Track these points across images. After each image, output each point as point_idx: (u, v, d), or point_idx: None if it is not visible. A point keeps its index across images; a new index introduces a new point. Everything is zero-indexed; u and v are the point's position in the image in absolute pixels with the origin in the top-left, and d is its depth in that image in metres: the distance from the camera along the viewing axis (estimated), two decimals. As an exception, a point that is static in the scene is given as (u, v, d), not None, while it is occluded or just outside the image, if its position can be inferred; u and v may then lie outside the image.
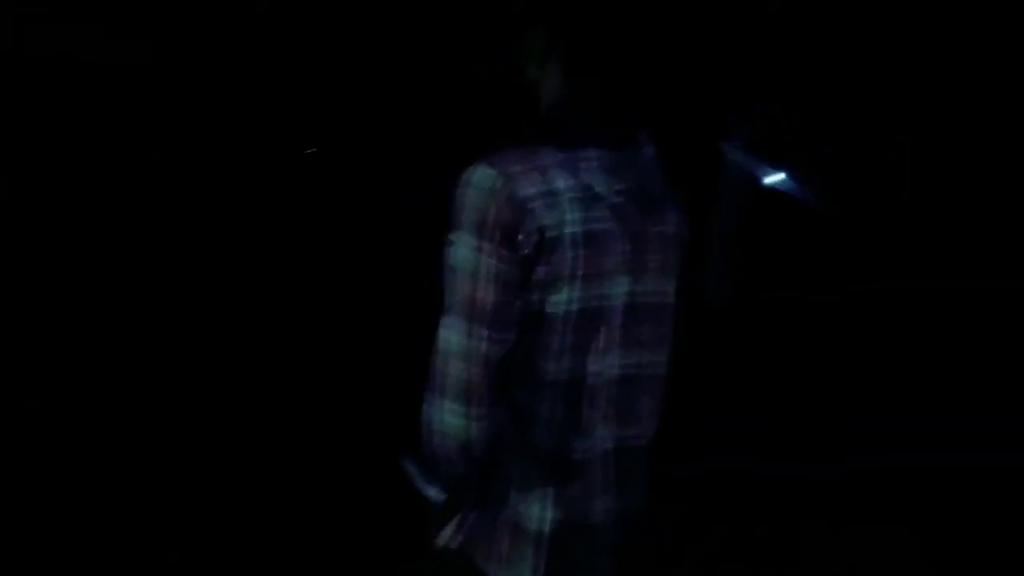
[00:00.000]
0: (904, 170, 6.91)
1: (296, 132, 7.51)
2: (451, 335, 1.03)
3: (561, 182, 1.05)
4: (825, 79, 6.88)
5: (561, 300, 1.06)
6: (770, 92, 6.72)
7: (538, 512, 1.12)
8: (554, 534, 1.12)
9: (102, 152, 9.34)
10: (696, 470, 3.29)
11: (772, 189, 6.64)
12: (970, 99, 7.40)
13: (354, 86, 7.41)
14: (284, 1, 6.85)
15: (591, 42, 1.11)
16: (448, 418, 1.03)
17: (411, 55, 7.29)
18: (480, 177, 1.02)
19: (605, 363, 1.12)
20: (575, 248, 1.05)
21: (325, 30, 6.83)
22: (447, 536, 1.13)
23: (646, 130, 1.19)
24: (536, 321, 1.06)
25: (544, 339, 1.07)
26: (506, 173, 1.03)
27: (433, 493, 1.12)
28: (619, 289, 1.11)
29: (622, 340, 1.13)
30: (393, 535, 2.84)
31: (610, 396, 1.14)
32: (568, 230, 1.04)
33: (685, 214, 1.26)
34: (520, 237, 1.02)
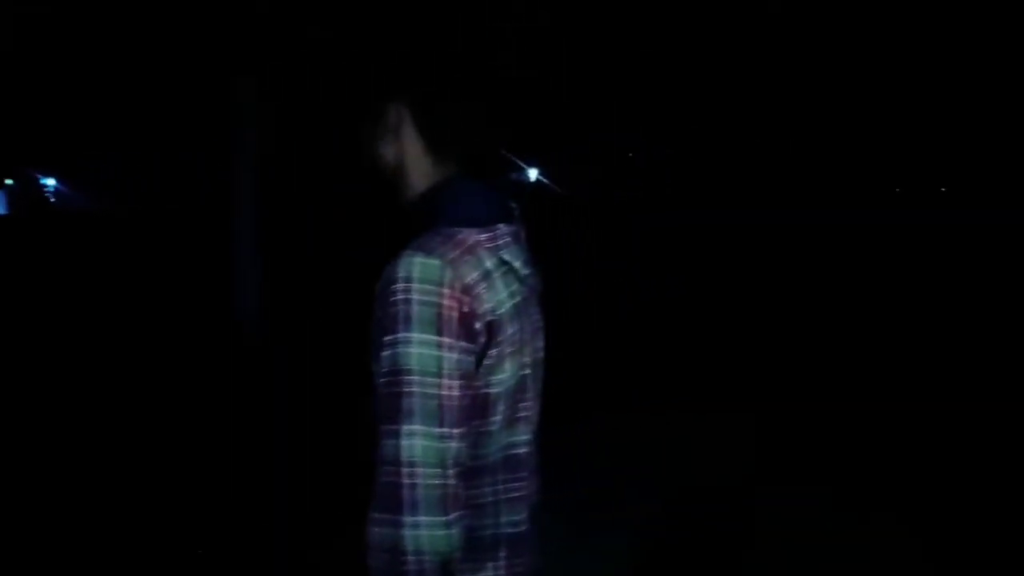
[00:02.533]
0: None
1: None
2: (416, 443, 0.92)
3: (489, 261, 1.00)
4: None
5: (504, 378, 1.00)
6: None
7: None
8: None
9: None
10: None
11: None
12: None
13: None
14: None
15: (449, 113, 1.07)
16: (425, 534, 0.91)
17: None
18: (425, 269, 0.93)
19: (528, 429, 1.09)
20: (512, 324, 1.01)
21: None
22: None
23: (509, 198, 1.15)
24: (483, 405, 0.99)
25: (487, 421, 1.01)
26: (447, 260, 0.95)
27: None
28: (528, 355, 1.08)
29: (533, 401, 1.10)
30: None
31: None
32: (504, 308, 0.99)
33: None
34: (476, 325, 0.95)
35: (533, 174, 10.18)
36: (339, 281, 7.61)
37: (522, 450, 1.07)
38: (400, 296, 0.93)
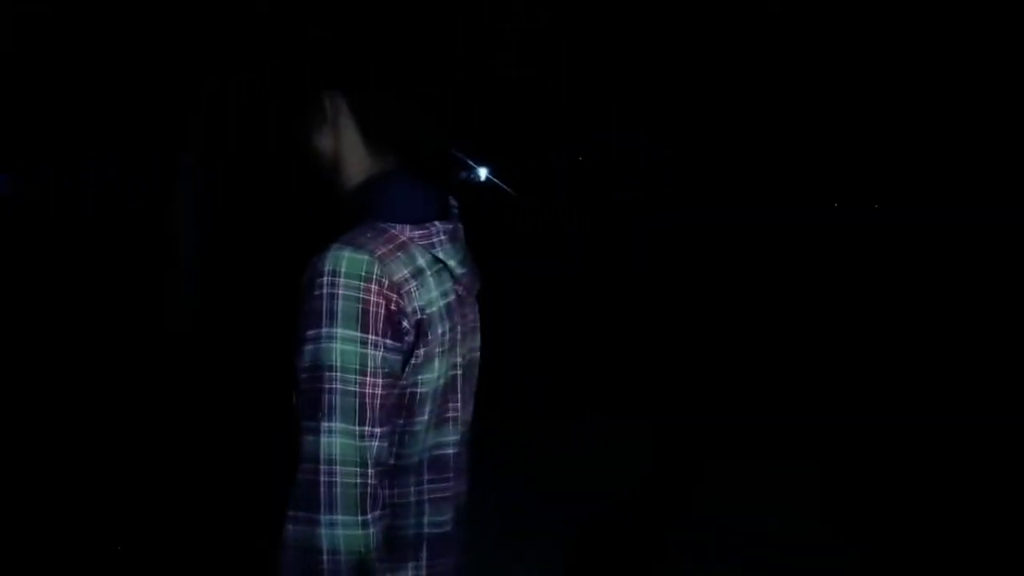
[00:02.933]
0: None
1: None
2: (335, 441, 0.90)
3: (422, 259, 0.99)
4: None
5: (432, 378, 1.00)
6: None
7: None
8: None
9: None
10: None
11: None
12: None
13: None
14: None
15: (388, 104, 1.06)
16: (342, 533, 0.89)
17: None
18: (351, 263, 0.92)
19: (457, 430, 1.09)
20: (443, 323, 1.01)
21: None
22: None
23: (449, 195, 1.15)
24: (408, 404, 0.99)
25: (412, 421, 1.00)
26: (376, 256, 0.94)
27: None
28: (460, 355, 1.09)
29: (463, 402, 1.11)
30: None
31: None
32: (435, 307, 0.99)
33: None
34: (404, 324, 0.95)
35: (483, 173, 10.23)
36: (275, 280, 7.36)
37: (449, 451, 1.07)
38: (325, 290, 0.91)
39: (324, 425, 0.91)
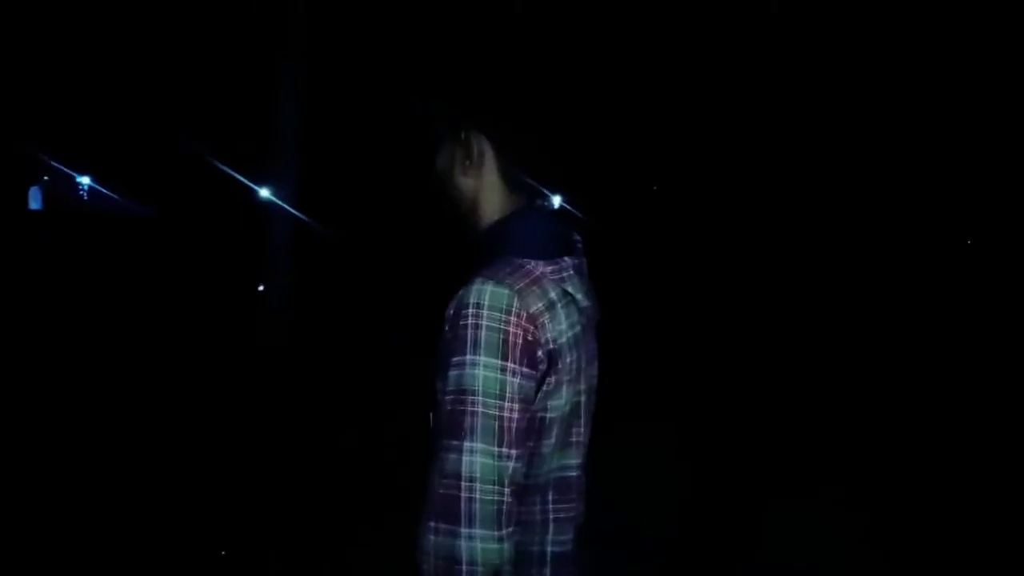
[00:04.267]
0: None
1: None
2: (476, 460, 0.97)
3: (553, 292, 1.05)
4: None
5: (559, 404, 1.06)
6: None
7: None
8: None
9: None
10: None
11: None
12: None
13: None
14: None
15: (531, 146, 1.13)
16: (481, 546, 0.96)
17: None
18: (494, 297, 1.00)
19: (579, 454, 1.15)
20: (571, 353, 1.07)
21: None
22: None
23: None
24: (538, 428, 1.05)
25: (541, 443, 1.07)
26: (515, 290, 1.01)
27: None
28: (583, 383, 1.14)
29: (586, 427, 1.17)
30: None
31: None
32: (564, 338, 1.06)
33: None
34: (539, 353, 1.02)
35: (557, 201, 10.35)
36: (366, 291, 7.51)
37: (572, 473, 1.14)
38: (470, 320, 0.99)
39: (466, 445, 0.97)
